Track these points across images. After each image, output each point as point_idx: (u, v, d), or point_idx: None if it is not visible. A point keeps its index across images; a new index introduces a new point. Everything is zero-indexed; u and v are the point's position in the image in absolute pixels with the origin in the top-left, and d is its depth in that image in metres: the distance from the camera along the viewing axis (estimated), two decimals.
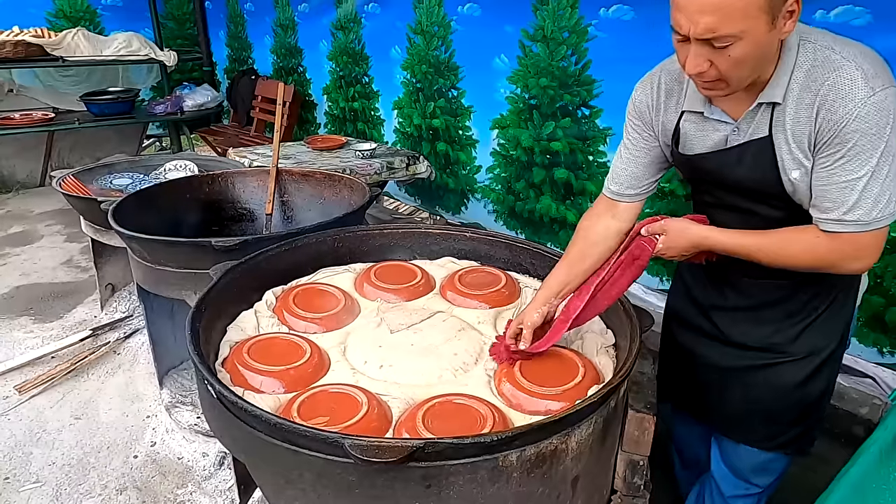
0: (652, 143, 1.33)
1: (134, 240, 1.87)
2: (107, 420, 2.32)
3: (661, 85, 1.27)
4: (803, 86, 1.07)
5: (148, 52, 4.83)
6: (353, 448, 0.95)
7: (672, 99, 1.26)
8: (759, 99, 1.12)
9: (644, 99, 1.30)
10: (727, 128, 1.19)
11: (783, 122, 1.11)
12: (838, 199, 1.07)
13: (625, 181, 1.36)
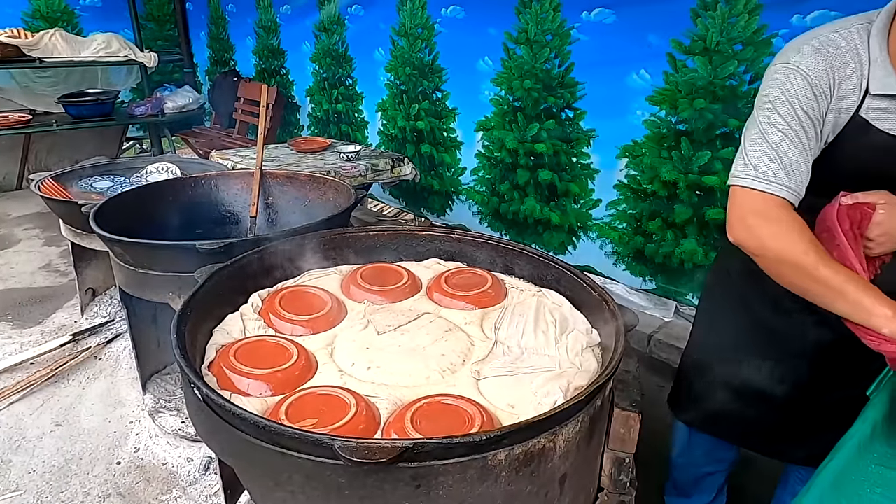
0: (815, 129, 1.10)
1: (116, 243, 1.85)
2: (88, 426, 2.28)
3: (831, 55, 1.07)
4: None
5: (128, 54, 4.78)
6: (343, 449, 0.95)
7: (849, 72, 1.07)
8: None
9: (821, 75, 1.07)
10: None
11: None
12: None
13: (801, 177, 1.10)
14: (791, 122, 1.10)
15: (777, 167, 1.10)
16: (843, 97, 1.09)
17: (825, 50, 1.08)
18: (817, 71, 1.08)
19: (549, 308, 1.64)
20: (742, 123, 2.49)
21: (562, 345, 1.48)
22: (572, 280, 1.66)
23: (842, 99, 1.09)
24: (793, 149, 1.10)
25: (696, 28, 2.50)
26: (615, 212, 3.07)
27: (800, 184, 1.11)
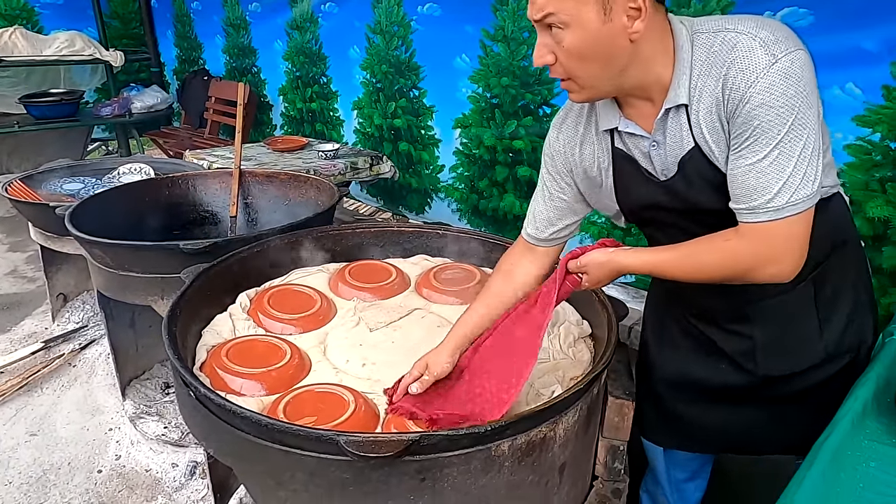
0: (567, 183, 1.22)
1: (96, 245, 1.80)
2: (66, 435, 2.21)
3: (570, 121, 1.19)
4: (706, 75, 0.96)
5: (92, 52, 4.64)
6: (349, 444, 0.95)
7: (588, 125, 1.16)
8: (665, 105, 1.01)
9: (556, 135, 1.21)
10: (646, 142, 1.07)
11: (698, 122, 0.99)
12: (750, 186, 0.94)
13: (542, 224, 1.28)
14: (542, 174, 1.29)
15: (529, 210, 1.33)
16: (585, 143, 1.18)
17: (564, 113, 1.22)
18: (553, 135, 1.24)
19: None
20: None
21: (554, 336, 1.50)
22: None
23: (585, 145, 1.18)
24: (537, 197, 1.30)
25: None
26: None
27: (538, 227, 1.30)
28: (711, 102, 0.97)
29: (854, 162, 2.25)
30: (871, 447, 0.89)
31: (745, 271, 1.00)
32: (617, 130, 1.10)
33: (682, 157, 1.04)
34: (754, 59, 0.91)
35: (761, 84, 0.90)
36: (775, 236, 0.95)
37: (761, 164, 0.93)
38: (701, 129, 1.00)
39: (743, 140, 0.94)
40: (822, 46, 2.20)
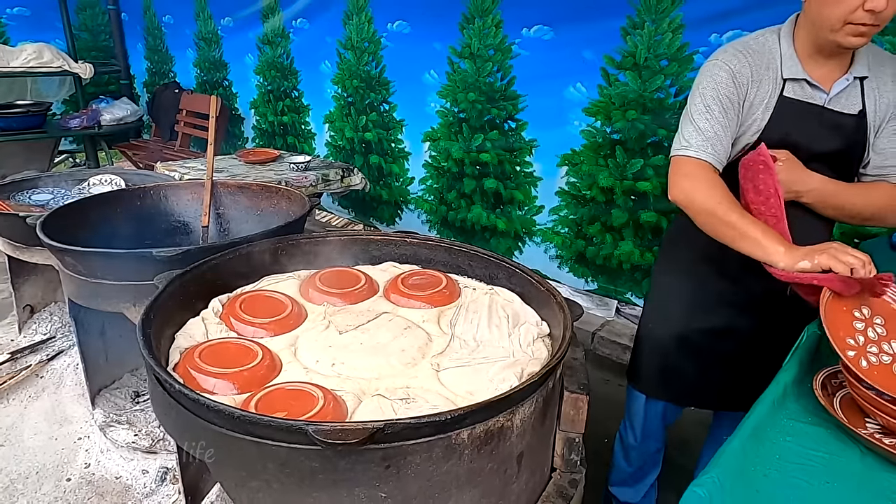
0: (736, 115, 1.39)
1: (68, 253, 1.83)
2: (33, 445, 2.21)
3: (753, 54, 1.37)
4: (877, 63, 1.31)
5: (61, 64, 4.62)
6: (317, 433, 1.01)
7: (768, 69, 1.37)
8: (852, 73, 1.30)
9: (742, 70, 1.36)
10: (824, 96, 1.35)
11: (871, 95, 1.31)
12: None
13: (724, 149, 1.38)
14: (714, 105, 1.38)
15: (702, 140, 1.38)
16: (761, 85, 1.38)
17: (746, 51, 1.39)
18: (739, 66, 1.38)
19: (500, 304, 1.75)
20: (670, 133, 2.71)
21: (514, 336, 1.59)
22: (522, 277, 1.78)
23: (759, 86, 1.38)
24: (717, 125, 1.38)
25: (626, 45, 2.70)
26: (557, 217, 3.23)
27: (722, 152, 1.38)
28: (885, 88, 1.31)
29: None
30: (789, 424, 1.00)
31: (886, 216, 1.34)
32: (799, 81, 1.34)
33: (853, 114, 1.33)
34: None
35: None
36: None
37: None
38: (874, 102, 1.31)
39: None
40: None
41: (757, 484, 0.86)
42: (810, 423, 1.00)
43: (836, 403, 1.05)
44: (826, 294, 1.10)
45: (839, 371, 1.10)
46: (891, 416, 0.96)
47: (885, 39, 2.10)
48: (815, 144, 1.36)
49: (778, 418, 1.00)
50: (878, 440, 0.95)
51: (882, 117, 1.33)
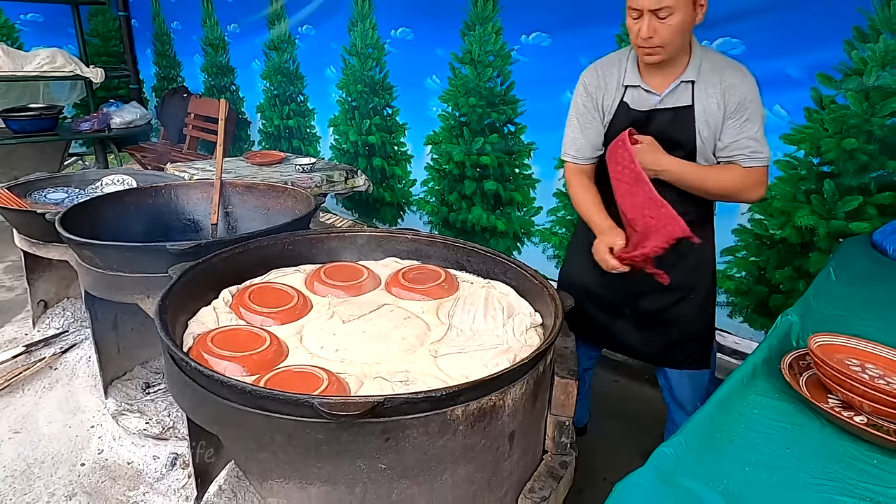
0: (596, 117, 1.76)
1: (86, 246, 1.92)
2: (48, 432, 2.30)
3: (603, 69, 1.73)
4: (708, 71, 1.60)
5: (73, 69, 4.74)
6: (323, 405, 1.10)
7: (613, 78, 1.71)
8: (682, 78, 1.62)
9: (592, 80, 1.74)
10: (656, 98, 1.66)
11: (702, 96, 1.61)
12: (749, 146, 1.60)
13: (585, 149, 1.78)
14: (575, 113, 1.80)
15: (570, 144, 1.81)
16: (609, 89, 1.72)
17: (599, 67, 1.76)
18: (590, 79, 1.75)
19: (496, 297, 1.84)
20: None
21: (508, 326, 1.68)
22: (517, 272, 1.87)
23: (609, 91, 1.72)
24: (577, 132, 1.79)
25: None
26: (555, 218, 3.32)
27: (585, 149, 1.79)
28: (711, 90, 1.59)
29: (783, 176, 2.51)
30: (757, 399, 1.08)
31: (741, 192, 1.65)
32: (636, 87, 1.67)
33: (678, 107, 1.63)
34: (747, 77, 1.63)
35: (752, 90, 1.62)
36: (762, 177, 1.62)
37: (758, 134, 1.60)
38: (701, 100, 1.61)
39: (742, 120, 1.60)
40: (753, 72, 2.46)
41: (723, 448, 0.94)
42: (776, 399, 1.09)
43: (801, 382, 1.13)
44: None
45: (806, 354, 1.19)
46: (850, 391, 1.05)
47: None
48: (653, 128, 1.68)
49: (747, 394, 1.08)
50: (838, 412, 1.04)
51: (711, 114, 1.60)
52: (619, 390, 2.83)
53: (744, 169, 1.62)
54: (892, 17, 2.11)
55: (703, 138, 1.63)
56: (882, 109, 2.22)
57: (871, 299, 1.59)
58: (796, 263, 2.56)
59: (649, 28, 1.51)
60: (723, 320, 2.86)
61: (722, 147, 1.63)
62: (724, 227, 2.73)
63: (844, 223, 2.40)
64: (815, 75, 2.32)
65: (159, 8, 5.68)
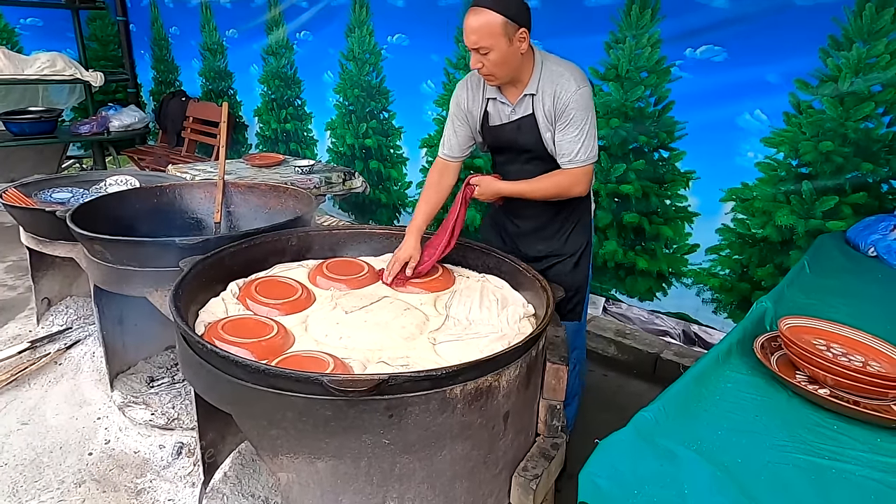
0: (466, 123, 2.01)
1: (97, 241, 2.00)
2: (56, 423, 2.37)
3: (471, 84, 1.98)
4: (546, 83, 1.84)
5: (73, 73, 4.81)
6: (332, 383, 1.19)
7: (479, 91, 1.97)
8: (525, 91, 1.87)
9: (462, 93, 2.00)
10: (508, 109, 1.92)
11: (539, 105, 1.86)
12: (568, 150, 1.85)
13: (454, 148, 2.03)
14: (450, 119, 2.03)
15: (445, 143, 2.04)
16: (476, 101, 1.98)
17: (469, 81, 1.99)
18: (461, 92, 2.00)
19: (491, 289, 1.94)
20: (650, 140, 2.91)
21: (503, 316, 1.77)
22: (510, 266, 1.96)
23: (476, 102, 1.98)
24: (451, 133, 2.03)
25: (609, 58, 2.91)
26: None
27: (455, 149, 2.03)
28: (547, 100, 1.84)
29: (763, 177, 2.62)
30: (731, 375, 1.18)
31: (566, 191, 1.91)
32: (494, 99, 1.94)
33: (522, 117, 1.91)
34: (570, 86, 1.81)
35: (574, 98, 1.81)
36: (582, 175, 1.88)
37: (576, 139, 1.84)
38: (540, 109, 1.87)
39: (564, 125, 1.83)
40: (734, 78, 2.59)
41: (697, 415, 1.03)
42: (748, 375, 1.18)
43: (772, 360, 1.23)
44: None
45: (777, 336, 1.29)
46: (816, 367, 1.15)
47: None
48: (505, 137, 1.97)
49: (721, 370, 1.18)
50: (802, 386, 1.14)
51: (549, 120, 1.86)
52: (608, 384, 2.93)
53: (564, 171, 1.88)
54: (864, 26, 2.23)
55: (546, 141, 1.90)
56: (856, 114, 2.33)
57: (842, 290, 1.70)
58: (777, 261, 2.66)
59: (475, 61, 1.78)
60: (707, 316, 2.97)
61: (554, 147, 1.90)
62: (708, 227, 2.85)
63: (822, 222, 2.50)
64: (793, 81, 2.44)
65: (158, 13, 5.77)
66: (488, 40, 1.71)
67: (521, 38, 1.75)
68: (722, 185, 2.73)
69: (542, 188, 1.93)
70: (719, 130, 2.66)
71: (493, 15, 1.70)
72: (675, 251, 2.97)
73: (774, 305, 1.47)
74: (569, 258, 2.11)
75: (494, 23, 1.70)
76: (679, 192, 2.87)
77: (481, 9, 1.71)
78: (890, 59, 2.21)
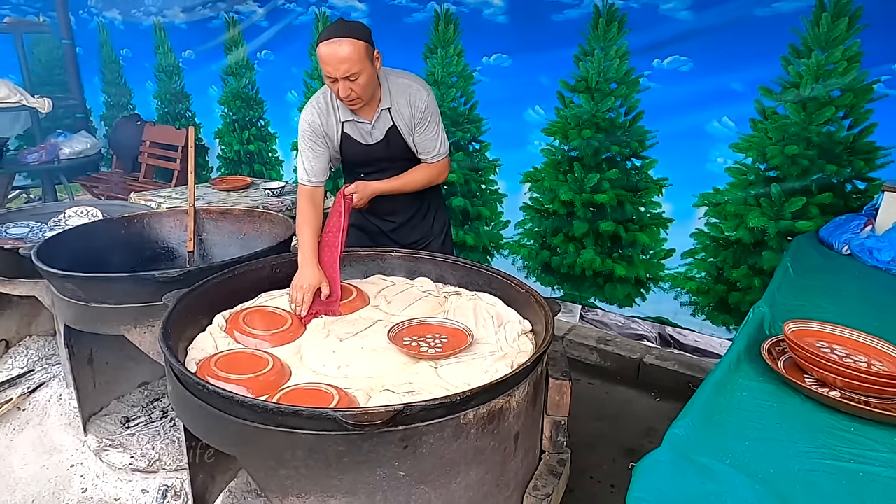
0: (326, 146, 2.08)
1: (69, 279, 1.90)
2: (25, 475, 2.22)
3: (321, 109, 2.06)
4: (397, 95, 2.02)
5: (19, 99, 4.60)
6: (346, 417, 1.14)
7: (331, 116, 2.06)
8: (381, 107, 2.02)
9: (314, 119, 2.06)
10: (368, 126, 2.06)
11: (397, 116, 2.04)
12: (432, 147, 2.10)
13: (318, 173, 2.09)
14: (304, 146, 2.09)
15: (303, 172, 2.09)
16: (331, 125, 2.07)
17: (317, 107, 2.06)
18: (312, 118, 2.06)
19: (484, 307, 1.92)
20: (622, 149, 2.97)
21: (500, 334, 1.76)
22: (501, 282, 1.95)
23: (331, 126, 2.07)
24: (307, 161, 2.08)
25: (579, 70, 2.96)
26: (523, 230, 3.44)
27: (316, 173, 2.08)
28: (403, 109, 2.03)
29: (734, 182, 2.70)
30: (745, 383, 1.20)
31: (435, 180, 2.20)
32: (351, 121, 2.06)
33: (386, 131, 2.07)
34: (422, 94, 2.04)
35: (428, 105, 2.05)
36: (447, 162, 2.19)
37: (436, 136, 2.10)
38: (399, 119, 2.05)
39: (424, 127, 2.07)
40: (701, 87, 2.67)
41: (723, 426, 1.04)
42: (761, 381, 1.20)
43: (780, 364, 1.26)
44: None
45: (781, 340, 1.32)
46: (824, 370, 1.18)
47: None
48: (376, 154, 2.12)
49: (735, 378, 1.19)
50: (814, 389, 1.16)
51: (409, 126, 2.05)
52: (594, 392, 2.95)
53: (429, 165, 2.14)
54: (822, 34, 2.34)
55: (412, 145, 2.11)
56: (818, 118, 2.42)
57: (824, 289, 1.75)
58: (751, 262, 2.73)
59: (345, 90, 1.87)
60: (686, 318, 3.03)
61: (416, 148, 2.10)
62: (682, 232, 2.92)
63: (791, 222, 2.58)
64: (758, 88, 2.53)
65: (107, 36, 5.57)
66: (358, 66, 1.82)
67: (377, 58, 1.90)
68: (694, 191, 2.80)
69: (414, 180, 2.15)
70: (689, 138, 2.74)
71: (357, 42, 1.82)
72: (652, 257, 3.03)
73: (770, 310, 1.50)
74: (437, 237, 2.40)
75: (360, 49, 1.82)
76: (653, 199, 2.93)
77: (344, 39, 1.80)
78: (847, 66, 2.32)
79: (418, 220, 2.36)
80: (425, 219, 2.37)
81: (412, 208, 2.33)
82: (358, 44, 1.82)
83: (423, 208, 2.35)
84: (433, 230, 2.39)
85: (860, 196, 2.42)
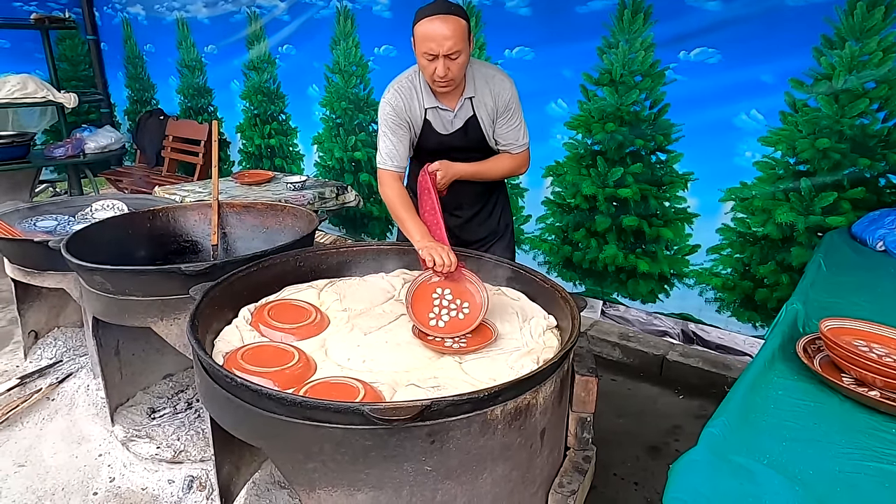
0: (409, 130, 2.05)
1: (97, 272, 1.92)
2: (55, 463, 2.26)
3: (405, 93, 2.01)
4: (481, 84, 1.99)
5: (45, 95, 4.67)
6: (374, 412, 1.14)
7: (415, 100, 2.02)
8: (465, 95, 1.99)
9: (399, 103, 2.01)
10: (450, 114, 2.03)
11: (480, 105, 2.01)
12: (515, 138, 2.07)
13: (403, 157, 2.05)
14: (387, 130, 2.03)
15: (385, 156, 2.04)
16: (414, 109, 2.02)
17: (400, 90, 2.01)
18: (396, 101, 2.01)
19: (508, 303, 1.90)
20: (646, 143, 2.92)
21: (525, 329, 1.74)
22: (525, 277, 1.94)
23: (414, 111, 2.02)
24: (391, 144, 2.03)
25: (603, 63, 2.92)
26: (544, 225, 3.41)
27: (400, 159, 2.04)
28: (486, 99, 2.00)
29: (762, 176, 2.65)
30: (779, 381, 1.17)
31: (515, 171, 2.17)
32: (434, 108, 2.01)
33: (466, 120, 2.03)
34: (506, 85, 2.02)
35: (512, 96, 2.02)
36: (528, 154, 2.15)
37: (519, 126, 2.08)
38: (481, 109, 2.01)
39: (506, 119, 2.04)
40: (729, 80, 2.62)
41: (758, 426, 1.02)
42: (796, 380, 1.18)
43: (816, 363, 1.23)
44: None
45: (817, 338, 1.28)
46: (863, 369, 1.14)
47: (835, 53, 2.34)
48: (452, 143, 2.07)
49: (770, 376, 1.17)
50: (853, 389, 1.13)
51: (491, 117, 2.02)
52: (618, 388, 2.92)
53: (512, 155, 2.11)
54: (856, 24, 2.27)
55: (489, 137, 2.08)
56: (851, 111, 2.36)
57: (859, 286, 1.71)
58: (779, 258, 2.68)
59: (444, 68, 1.83)
60: (710, 315, 2.98)
61: (497, 139, 2.08)
62: (708, 227, 2.87)
63: (822, 218, 2.53)
64: (788, 81, 2.47)
65: (131, 31, 5.64)
66: (461, 44, 1.80)
67: (471, 41, 1.88)
68: (721, 186, 2.75)
69: (497, 167, 2.12)
70: (716, 131, 2.69)
71: (461, 21, 1.81)
72: (676, 252, 2.98)
73: (804, 307, 1.47)
74: (503, 235, 2.35)
75: (463, 27, 1.80)
76: (678, 193, 2.89)
77: (449, 16, 1.79)
78: (882, 56, 2.25)
79: (485, 217, 2.29)
80: (492, 215, 2.30)
81: (479, 203, 2.26)
82: (462, 22, 1.80)
83: (489, 204, 2.29)
84: (499, 227, 2.32)
85: (895, 191, 2.35)
